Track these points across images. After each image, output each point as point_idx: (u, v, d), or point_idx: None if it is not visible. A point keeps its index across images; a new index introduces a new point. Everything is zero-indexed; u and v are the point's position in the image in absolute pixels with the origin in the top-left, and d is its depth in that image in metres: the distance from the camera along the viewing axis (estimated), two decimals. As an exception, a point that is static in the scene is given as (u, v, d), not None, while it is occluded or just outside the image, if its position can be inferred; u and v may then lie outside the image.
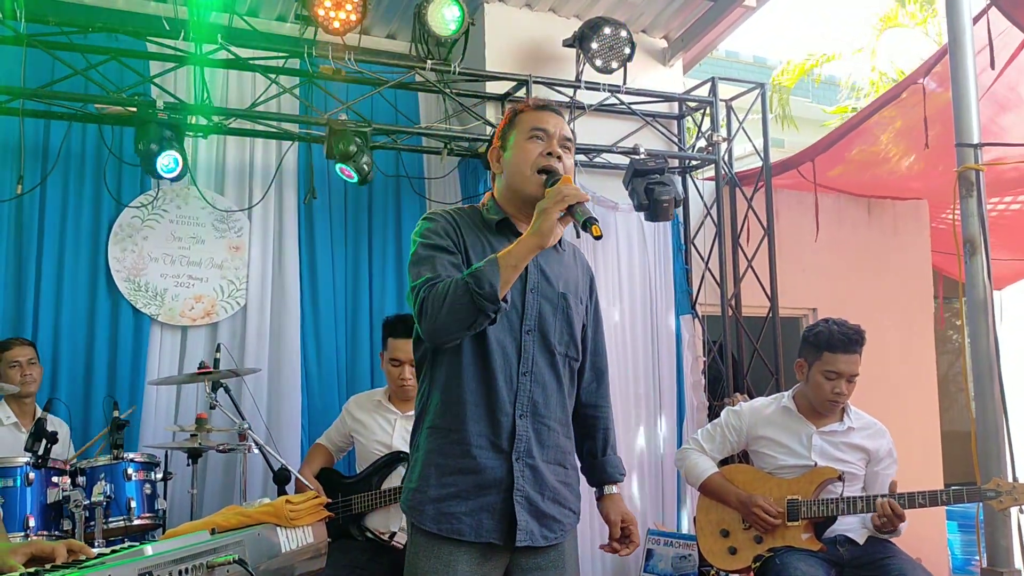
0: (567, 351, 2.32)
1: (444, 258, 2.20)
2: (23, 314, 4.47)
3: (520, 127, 2.33)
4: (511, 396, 2.21)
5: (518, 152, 2.31)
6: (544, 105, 2.37)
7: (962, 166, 3.67)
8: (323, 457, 4.15)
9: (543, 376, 2.26)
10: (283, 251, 5.01)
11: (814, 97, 14.61)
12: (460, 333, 2.12)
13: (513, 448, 2.20)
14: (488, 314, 2.06)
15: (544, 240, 2.09)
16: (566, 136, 2.33)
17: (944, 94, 5.04)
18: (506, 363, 2.21)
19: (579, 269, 2.45)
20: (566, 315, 2.32)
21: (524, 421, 2.21)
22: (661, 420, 5.50)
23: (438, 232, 2.26)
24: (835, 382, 3.52)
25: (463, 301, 2.05)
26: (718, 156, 5.81)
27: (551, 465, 2.26)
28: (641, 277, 5.57)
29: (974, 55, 3.74)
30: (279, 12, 5.29)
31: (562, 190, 2.11)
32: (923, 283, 6.70)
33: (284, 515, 2.35)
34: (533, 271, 2.28)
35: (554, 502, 2.26)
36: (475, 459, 2.17)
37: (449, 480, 2.18)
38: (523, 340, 2.24)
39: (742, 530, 3.58)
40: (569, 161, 2.32)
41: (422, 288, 2.13)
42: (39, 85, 4.36)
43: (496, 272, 2.05)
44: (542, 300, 2.28)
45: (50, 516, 3.49)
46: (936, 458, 6.51)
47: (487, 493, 2.17)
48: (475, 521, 2.16)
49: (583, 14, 5.56)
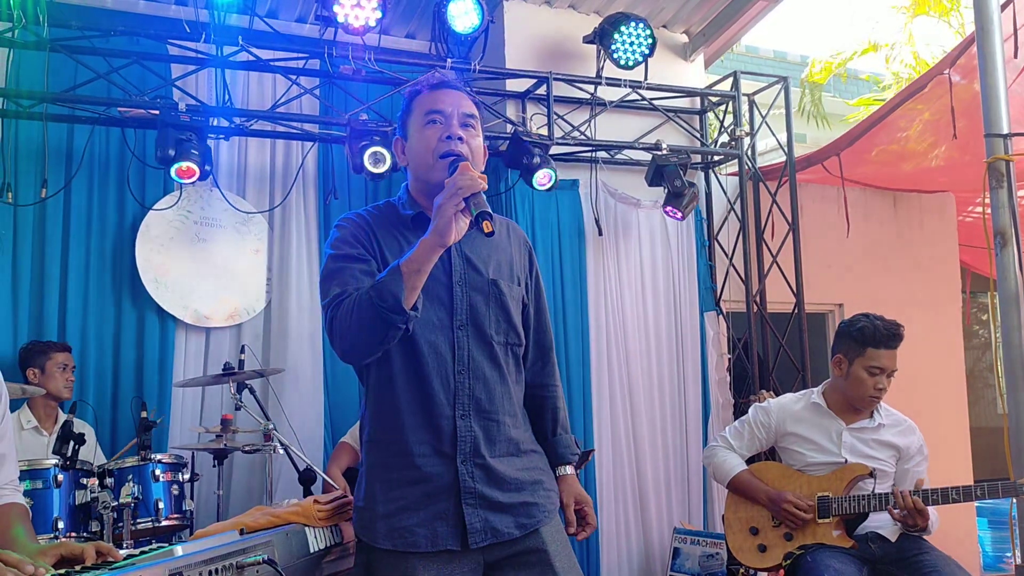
0: (507, 339, 2.18)
1: (354, 268, 2.07)
2: (48, 317, 4.49)
3: (417, 112, 2.17)
4: (449, 397, 2.09)
5: (418, 140, 2.15)
6: (438, 83, 2.19)
7: (992, 157, 3.61)
8: (349, 455, 4.15)
9: (482, 371, 2.13)
10: (304, 252, 5.01)
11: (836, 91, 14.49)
12: (373, 349, 2.01)
13: (458, 451, 2.08)
14: (398, 327, 1.95)
15: (444, 239, 1.94)
16: (466, 112, 2.15)
17: (968, 86, 4.98)
18: (440, 363, 2.09)
19: (513, 245, 2.28)
20: (500, 302, 2.17)
21: (466, 421, 2.09)
22: (686, 418, 5.47)
23: (347, 240, 2.12)
24: (878, 378, 3.47)
25: (369, 316, 1.94)
26: (741, 151, 5.77)
27: (504, 458, 2.13)
28: (664, 274, 5.53)
29: (1002, 43, 3.68)
30: (299, 13, 5.29)
31: (456, 181, 1.95)
32: (950, 277, 6.63)
33: (312, 515, 2.34)
34: (457, 261, 2.14)
35: (520, 490, 2.13)
36: (419, 469, 2.07)
37: (396, 494, 2.07)
38: (456, 336, 2.11)
39: (772, 527, 3.54)
40: (475, 141, 2.15)
41: (330, 307, 2.02)
42: (62, 89, 4.39)
43: (399, 281, 1.92)
44: (471, 292, 2.15)
45: (79, 518, 3.51)
46: (965, 454, 6.44)
47: (437, 501, 2.06)
48: (429, 531, 2.05)
49: (603, 10, 5.53)
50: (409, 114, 2.20)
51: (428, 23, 5.05)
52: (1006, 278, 3.59)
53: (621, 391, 5.29)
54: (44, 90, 4.31)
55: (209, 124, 4.53)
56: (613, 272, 5.40)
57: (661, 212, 5.36)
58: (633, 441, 5.28)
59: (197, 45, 4.60)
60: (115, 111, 4.48)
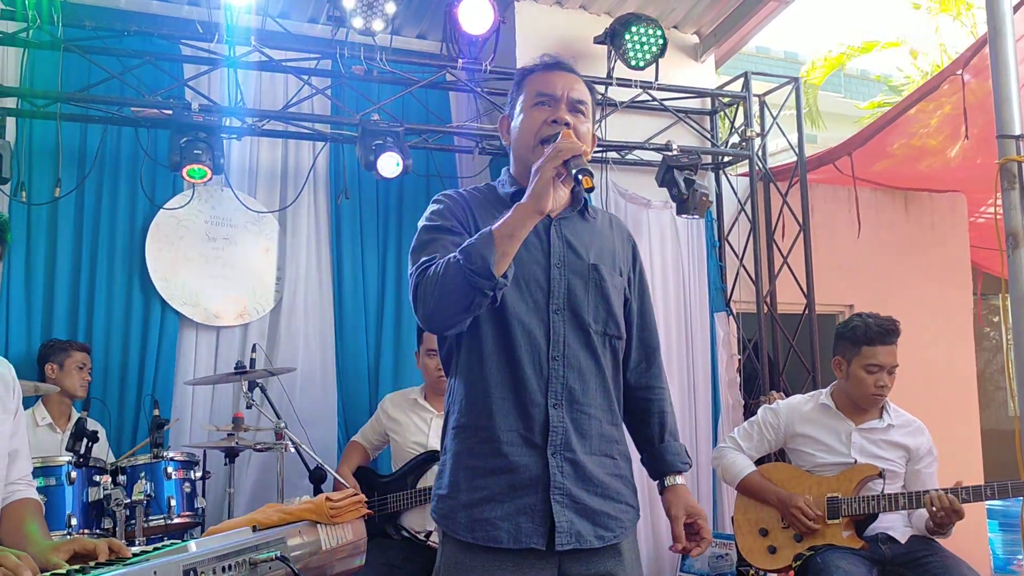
0: (605, 329, 2.07)
1: (446, 239, 1.99)
2: (60, 315, 4.52)
3: (527, 92, 2.10)
4: (542, 384, 1.98)
5: (523, 120, 2.09)
6: (553, 64, 2.11)
7: (1004, 158, 3.60)
8: (359, 455, 4.17)
9: (577, 359, 2.02)
10: (314, 251, 5.04)
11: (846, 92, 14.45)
12: (457, 317, 1.90)
13: (548, 442, 1.96)
14: (484, 292, 1.83)
15: (540, 203, 1.84)
16: (577, 99, 2.07)
17: (982, 85, 4.96)
18: (533, 348, 1.99)
19: (617, 238, 2.18)
20: (600, 288, 2.07)
21: (559, 411, 1.98)
22: (696, 418, 5.46)
23: (442, 213, 2.06)
24: (878, 375, 3.48)
25: (456, 281, 1.83)
26: (752, 151, 5.76)
27: (596, 457, 2.01)
28: (675, 274, 5.53)
29: (1015, 44, 3.67)
30: (311, 14, 5.32)
31: (557, 144, 1.88)
32: (961, 278, 6.60)
33: (324, 512, 2.35)
34: (557, 243, 2.06)
35: (605, 497, 2.01)
36: (507, 457, 1.96)
37: (481, 483, 1.97)
38: (551, 320, 2.00)
39: (781, 529, 3.54)
40: (583, 127, 2.07)
41: (415, 273, 1.94)
42: (76, 89, 4.41)
43: (490, 244, 1.82)
44: (570, 275, 2.04)
45: (91, 514, 3.54)
46: (976, 456, 6.41)
47: (523, 494, 1.95)
48: (512, 526, 1.93)
49: (614, 11, 5.53)
50: (519, 92, 2.13)
51: (439, 24, 5.06)
52: (1018, 280, 3.56)
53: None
54: (58, 90, 4.34)
55: (221, 124, 4.56)
56: (624, 272, 5.38)
57: (671, 213, 5.36)
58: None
59: (210, 45, 4.63)
60: (128, 111, 4.50)
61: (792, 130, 5.99)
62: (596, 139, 2.19)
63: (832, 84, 13.22)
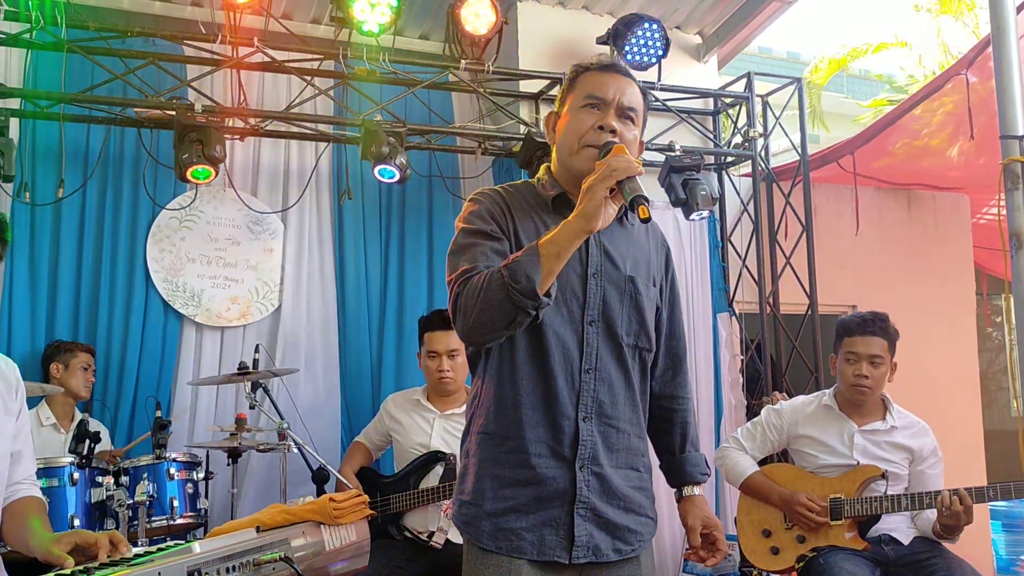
0: (637, 342, 2.05)
1: (486, 246, 1.94)
2: (63, 316, 4.53)
3: (578, 91, 2.04)
4: (573, 397, 1.96)
5: (570, 121, 2.03)
6: (608, 65, 2.04)
7: (1007, 158, 3.60)
8: (362, 455, 4.17)
9: (609, 372, 2.00)
10: (317, 252, 5.04)
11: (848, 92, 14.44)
12: (498, 333, 1.88)
13: (577, 455, 1.95)
14: (528, 311, 1.81)
15: (591, 224, 1.80)
16: (628, 105, 2.00)
17: (984, 84, 4.96)
18: (566, 359, 1.96)
19: (651, 244, 2.14)
20: (635, 301, 2.04)
21: (588, 424, 1.96)
22: (698, 419, 5.46)
23: (482, 215, 2.00)
24: (855, 365, 3.51)
25: (498, 298, 1.80)
26: (755, 152, 5.76)
27: (621, 470, 2.01)
28: (678, 275, 5.52)
29: (1018, 45, 3.67)
30: (313, 15, 5.32)
31: (611, 163, 1.81)
32: (964, 278, 6.60)
33: (328, 513, 2.36)
34: (595, 252, 2.01)
35: (627, 511, 2.01)
36: (535, 469, 1.94)
37: (507, 493, 1.95)
38: (586, 332, 1.97)
39: (784, 530, 3.54)
40: (630, 134, 2.01)
41: (457, 282, 1.90)
42: (79, 90, 4.42)
43: (536, 263, 1.79)
44: (607, 285, 2.00)
45: (94, 515, 3.54)
46: (979, 456, 6.41)
47: (549, 506, 1.94)
48: (536, 537, 1.93)
49: (616, 11, 5.53)
50: (571, 91, 2.06)
51: (442, 24, 5.06)
52: (1021, 280, 3.57)
53: (633, 392, 5.28)
54: (61, 91, 4.35)
55: (224, 124, 4.56)
56: (626, 272, 5.39)
57: (674, 213, 5.36)
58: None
59: (213, 46, 4.63)
60: (131, 111, 4.51)
61: (794, 130, 5.99)
62: (643, 146, 2.14)
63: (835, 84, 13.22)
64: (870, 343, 3.51)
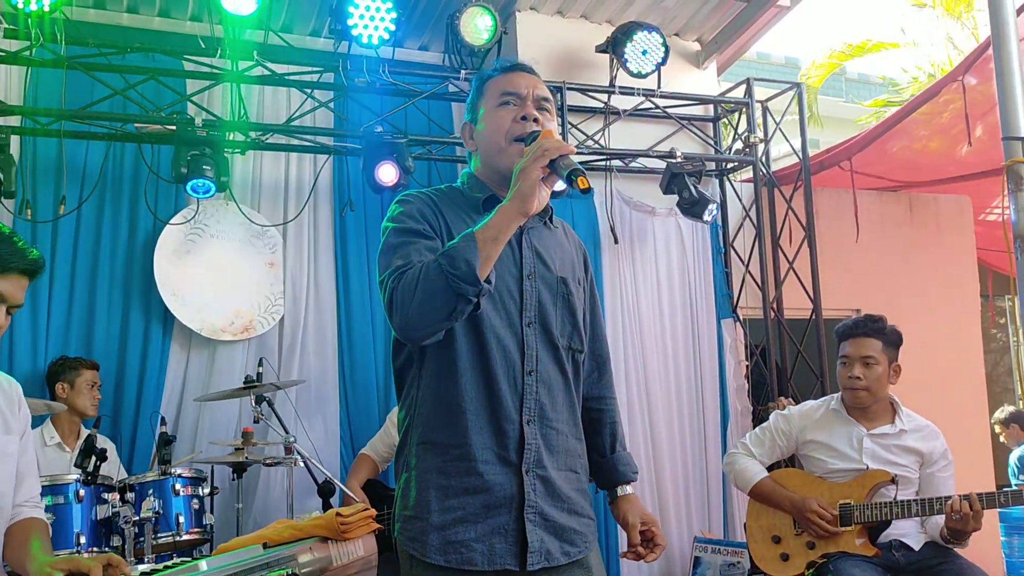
0: (571, 343, 2.05)
1: (420, 244, 1.91)
2: (64, 332, 4.51)
3: (489, 94, 2.06)
4: (516, 400, 1.93)
5: (490, 121, 2.03)
6: (512, 65, 2.08)
7: (1010, 160, 3.59)
8: (368, 468, 4.15)
9: (549, 374, 1.98)
10: (319, 264, 5.02)
11: (847, 94, 14.47)
12: (438, 325, 1.83)
13: (523, 459, 1.92)
14: (468, 298, 1.77)
15: (526, 205, 1.79)
16: (542, 96, 2.04)
17: (983, 87, 4.96)
18: (508, 362, 1.93)
19: (572, 246, 2.16)
20: (567, 302, 2.04)
21: (532, 427, 1.94)
22: (705, 425, 5.45)
23: (413, 215, 1.97)
24: (848, 367, 3.52)
25: (438, 286, 1.76)
26: (756, 157, 5.76)
27: (563, 472, 1.99)
28: (680, 281, 5.52)
29: (1019, 46, 3.66)
30: (313, 27, 5.33)
31: (542, 143, 1.82)
32: (968, 280, 6.59)
33: (335, 528, 2.34)
34: (528, 254, 2.01)
35: (571, 512, 1.99)
36: (482, 476, 1.90)
37: (454, 503, 1.90)
38: (525, 334, 1.95)
39: (794, 536, 3.52)
40: (550, 125, 2.02)
41: (390, 278, 1.85)
42: (79, 106, 4.42)
43: (473, 248, 1.76)
44: (541, 287, 2.00)
45: (100, 533, 3.51)
46: (987, 459, 6.38)
47: (497, 514, 1.90)
48: (486, 547, 1.88)
49: (615, 19, 5.54)
50: (480, 97, 2.09)
51: (441, 35, 5.07)
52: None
53: (639, 399, 5.28)
54: (61, 107, 4.35)
55: (225, 138, 4.56)
56: (629, 280, 5.39)
57: (676, 219, 5.35)
58: (652, 449, 5.26)
59: (212, 60, 4.63)
60: (131, 127, 4.51)
61: (793, 135, 5.99)
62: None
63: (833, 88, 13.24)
64: (861, 344, 3.52)
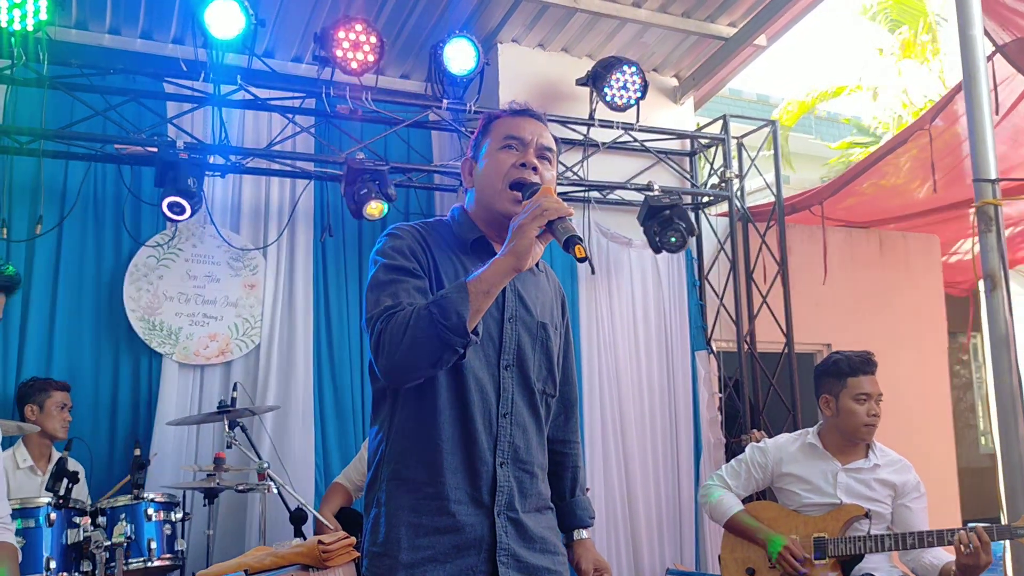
0: (544, 387, 2.07)
1: (409, 283, 1.91)
2: (38, 354, 4.46)
3: (494, 135, 2.06)
4: (490, 442, 1.93)
5: (490, 163, 2.03)
6: (521, 111, 2.09)
7: (981, 201, 3.68)
8: (341, 496, 4.12)
9: (523, 417, 1.99)
10: (298, 289, 5.00)
11: (817, 133, 14.74)
12: (423, 372, 1.84)
13: (495, 502, 1.92)
14: (456, 349, 1.79)
15: (521, 262, 1.81)
16: (545, 145, 2.04)
17: (950, 129, 5.10)
18: (484, 404, 1.94)
19: (552, 290, 2.18)
20: (545, 347, 2.06)
21: (505, 469, 1.94)
22: (678, 456, 5.48)
23: (403, 252, 1.96)
24: (867, 404, 3.52)
25: (427, 334, 1.78)
26: (731, 192, 5.84)
27: (532, 514, 2.00)
28: (656, 313, 5.57)
29: (988, 91, 3.77)
30: (295, 53, 5.35)
31: (541, 203, 1.83)
32: (936, 318, 6.70)
33: (316, 556, 2.33)
34: (511, 298, 2.02)
35: (544, 552, 1.99)
36: (454, 516, 1.89)
37: (424, 542, 1.88)
38: (502, 377, 1.97)
39: (768, 568, 3.54)
40: (549, 174, 2.04)
41: (379, 319, 1.85)
42: (59, 126, 4.40)
43: (465, 300, 1.78)
44: (521, 330, 2.02)
45: (71, 557, 3.45)
46: (953, 494, 6.46)
47: (467, 555, 1.89)
48: None
49: (595, 54, 5.62)
50: (485, 136, 2.09)
51: (424, 64, 5.11)
52: (996, 321, 3.64)
53: (613, 430, 5.30)
54: (41, 127, 4.32)
55: (206, 161, 4.55)
56: (605, 311, 5.43)
57: (652, 253, 5.41)
58: (626, 480, 5.28)
59: (194, 83, 4.64)
60: (111, 148, 4.49)
61: (766, 170, 6.09)
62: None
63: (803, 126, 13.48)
64: (876, 383, 3.56)
